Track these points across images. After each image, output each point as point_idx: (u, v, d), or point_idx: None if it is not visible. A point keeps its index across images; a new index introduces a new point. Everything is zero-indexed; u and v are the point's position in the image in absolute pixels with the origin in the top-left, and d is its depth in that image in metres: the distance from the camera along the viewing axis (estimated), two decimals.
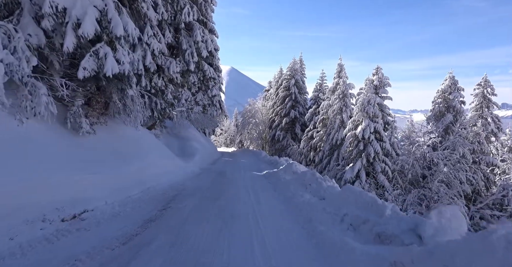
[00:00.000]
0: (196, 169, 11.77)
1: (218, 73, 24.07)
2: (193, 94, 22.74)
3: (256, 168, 14.56)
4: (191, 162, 12.33)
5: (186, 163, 11.46)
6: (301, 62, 31.36)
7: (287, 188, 7.41)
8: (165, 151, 10.24)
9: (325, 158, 20.64)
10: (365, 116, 16.84)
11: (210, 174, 11.08)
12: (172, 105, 13.59)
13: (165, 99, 11.95)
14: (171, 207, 5.61)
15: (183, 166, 10.66)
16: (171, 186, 7.59)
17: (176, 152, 13.27)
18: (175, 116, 16.40)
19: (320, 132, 22.77)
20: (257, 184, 9.07)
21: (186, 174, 9.89)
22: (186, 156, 13.31)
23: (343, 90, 19.86)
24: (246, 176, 11.07)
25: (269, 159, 17.08)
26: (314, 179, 7.11)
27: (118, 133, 7.22)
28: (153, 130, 13.47)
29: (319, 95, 27.80)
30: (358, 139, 17.08)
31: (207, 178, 9.71)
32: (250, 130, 35.10)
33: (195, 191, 7.24)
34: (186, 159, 12.42)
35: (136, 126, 8.26)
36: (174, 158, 10.47)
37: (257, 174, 12.00)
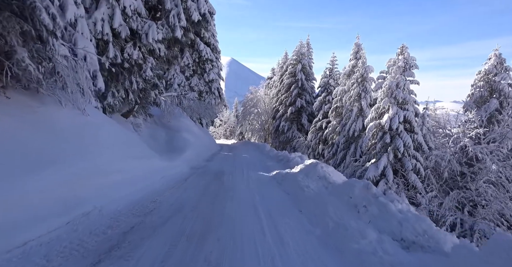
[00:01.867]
0: (185, 169, 8.82)
1: (216, 54, 20.89)
2: (187, 79, 19.64)
3: (262, 166, 11.63)
4: (179, 159, 9.38)
5: (170, 162, 8.50)
6: (308, 46, 28.10)
7: (322, 208, 4.47)
8: (137, 147, 7.27)
9: (340, 152, 17.72)
10: (392, 102, 13.82)
11: (203, 176, 8.15)
12: (155, 86, 10.55)
13: (143, 77, 8.91)
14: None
15: (165, 167, 7.71)
16: (131, 206, 4.64)
17: (160, 147, 10.31)
18: (163, 103, 13.41)
19: (333, 123, 19.77)
20: (269, 195, 6.13)
21: (167, 179, 6.94)
22: (174, 151, 10.36)
23: (362, 73, 16.78)
24: (251, 180, 8.13)
25: (276, 154, 14.16)
26: (370, 196, 4.17)
27: (40, 118, 4.30)
28: (131, 118, 10.47)
29: (330, 81, 24.67)
30: (383, 130, 14.11)
31: (196, 185, 6.76)
32: (252, 121, 32.11)
33: (170, 216, 4.30)
34: (173, 155, 9.46)
35: (82, 108, 5.29)
36: (151, 157, 7.51)
37: (265, 176, 9.08)
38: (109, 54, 7.87)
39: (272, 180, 8.45)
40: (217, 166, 10.91)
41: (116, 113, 9.37)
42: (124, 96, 8.90)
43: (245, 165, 11.74)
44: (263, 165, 12.13)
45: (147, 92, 10.02)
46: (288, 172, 8.86)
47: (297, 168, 9.06)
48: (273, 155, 14.38)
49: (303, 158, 10.66)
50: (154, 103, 13.44)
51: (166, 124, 14.11)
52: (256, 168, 11.14)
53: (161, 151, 9.57)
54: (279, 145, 28.73)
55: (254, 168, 11.10)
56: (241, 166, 11.54)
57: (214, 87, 22.24)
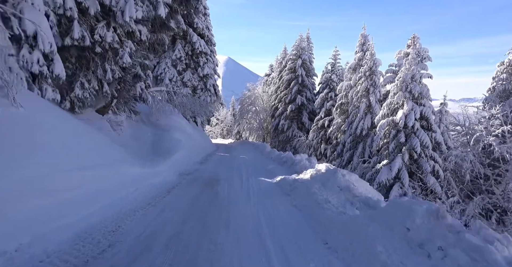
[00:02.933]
0: (171, 177, 7.22)
1: (211, 47, 19.25)
2: (179, 73, 17.99)
3: (264, 170, 10.07)
4: (164, 164, 7.77)
5: (153, 168, 6.89)
6: (308, 40, 26.54)
7: (363, 245, 2.91)
8: (107, 151, 5.66)
9: (346, 152, 16.20)
10: (407, 97, 12.31)
11: (192, 186, 6.56)
12: (137, 77, 8.96)
13: (120, 64, 7.30)
14: None
15: (144, 175, 6.11)
16: (74, 242, 3.05)
17: (143, 150, 8.71)
18: (150, 98, 11.83)
19: (338, 121, 18.24)
20: (278, 215, 4.55)
21: (143, 192, 5.35)
22: (160, 154, 8.75)
23: (370, 66, 15.26)
24: (252, 191, 6.56)
25: (278, 155, 12.60)
26: (445, 230, 2.60)
27: None
28: (109, 115, 8.85)
29: (332, 77, 23.15)
30: (397, 128, 12.60)
31: (181, 201, 5.17)
32: (250, 119, 30.51)
33: (130, 264, 2.74)
34: (158, 159, 7.84)
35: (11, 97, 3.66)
36: (126, 163, 5.89)
37: (268, 184, 7.51)
38: (74, 34, 6.25)
39: (277, 188, 6.89)
40: (211, 171, 9.33)
41: (89, 108, 7.75)
42: (97, 87, 7.28)
43: (243, 169, 10.18)
44: (264, 168, 10.57)
45: (127, 84, 8.41)
46: (296, 178, 7.30)
47: (306, 174, 7.51)
48: (274, 156, 12.82)
49: (311, 161, 9.11)
50: (140, 99, 11.86)
51: (154, 123, 12.50)
52: (257, 172, 9.58)
53: (144, 154, 7.97)
54: (279, 144, 27.20)
55: (254, 172, 9.54)
56: (239, 169, 9.97)
57: (209, 83, 20.64)
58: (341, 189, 5.01)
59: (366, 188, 5.32)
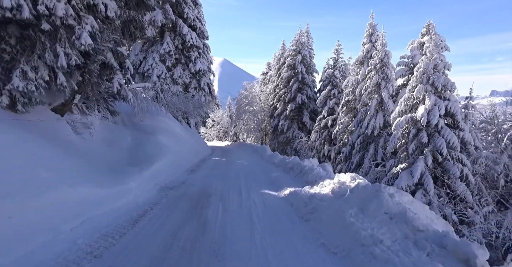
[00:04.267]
0: (145, 196, 5.40)
1: (204, 41, 17.45)
2: (168, 69, 16.17)
3: (267, 180, 8.30)
4: (140, 177, 5.95)
5: (119, 186, 5.05)
6: (308, 35, 24.88)
7: None
8: (30, 169, 3.81)
9: (356, 154, 14.49)
10: (429, 90, 10.64)
11: (173, 210, 4.78)
12: (108, 68, 7.18)
13: (77, 46, 5.49)
14: None
15: (99, 199, 4.31)
16: None
17: (116, 158, 6.89)
18: (130, 96, 10.02)
19: (344, 120, 16.53)
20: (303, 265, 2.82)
21: (90, 227, 3.56)
22: (138, 163, 6.94)
23: (381, 57, 13.58)
24: (255, 213, 4.78)
25: (282, 160, 10.83)
26: None
27: None
28: (73, 115, 7.02)
29: (335, 73, 21.48)
30: (417, 127, 10.91)
31: (148, 243, 3.35)
32: (247, 120, 28.73)
33: None
34: (130, 172, 6.02)
35: None
36: (64, 185, 4.03)
37: (275, 200, 5.75)
38: (3, 2, 4.46)
39: (288, 209, 5.12)
40: (202, 182, 7.54)
41: (41, 106, 5.93)
42: (47, 78, 5.47)
43: (242, 178, 8.41)
44: (267, 176, 8.80)
45: (94, 75, 6.59)
46: (312, 193, 5.56)
47: (324, 186, 5.77)
48: (278, 161, 11.05)
49: (327, 169, 7.32)
50: (120, 97, 10.04)
51: (137, 125, 10.69)
52: (258, 182, 7.81)
53: (113, 165, 6.16)
54: (278, 146, 25.47)
55: (255, 182, 7.77)
56: (236, 179, 8.21)
57: (203, 82, 18.87)
58: (391, 217, 3.27)
59: (427, 214, 3.60)
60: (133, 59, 15.32)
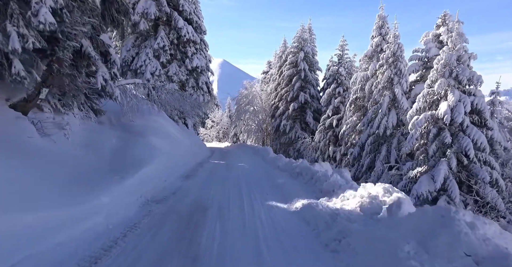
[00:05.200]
0: (123, 214, 4.22)
1: (201, 35, 16.27)
2: (163, 66, 14.99)
3: (272, 187, 7.13)
4: (119, 188, 4.77)
5: (87, 203, 3.87)
6: (310, 31, 23.74)
7: None
8: None
9: (366, 156, 13.32)
10: (452, 85, 9.49)
11: (156, 234, 3.61)
12: (84, 58, 6.06)
13: (34, 25, 4.33)
14: None
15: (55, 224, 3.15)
16: None
17: (94, 165, 5.71)
18: (117, 93, 8.87)
19: (353, 119, 15.37)
20: None
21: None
22: (121, 169, 5.77)
23: (394, 50, 12.43)
24: (263, 238, 3.61)
25: (287, 163, 9.66)
26: None
27: None
28: (39, 113, 5.86)
29: (340, 70, 20.35)
30: (439, 125, 9.76)
31: None
32: (247, 120, 27.56)
33: None
34: (106, 183, 4.85)
35: None
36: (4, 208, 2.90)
37: (287, 218, 4.57)
38: None
39: (305, 230, 3.96)
40: (197, 191, 6.38)
41: None
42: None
43: (244, 185, 7.24)
44: (272, 183, 7.63)
45: (66, 66, 5.43)
46: (332, 208, 4.40)
47: (346, 199, 4.61)
48: (282, 164, 9.89)
49: (345, 176, 6.13)
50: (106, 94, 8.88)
51: (126, 125, 9.52)
52: (263, 191, 6.65)
53: (88, 174, 4.99)
54: (280, 147, 24.33)
55: (259, 191, 6.61)
56: (238, 187, 7.04)
57: (201, 81, 17.74)
58: (478, 262, 2.11)
59: None
60: (125, 55, 14.17)
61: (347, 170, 6.30)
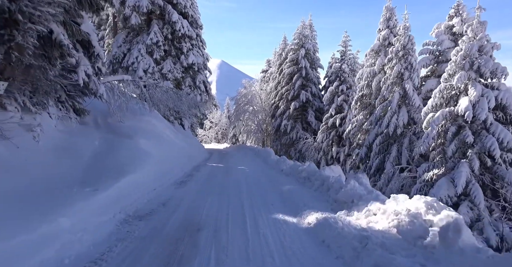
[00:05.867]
0: (88, 241, 3.25)
1: (198, 30, 15.29)
2: (157, 62, 13.98)
3: (277, 196, 6.16)
4: (87, 204, 3.80)
5: (38, 229, 2.92)
6: (311, 28, 22.81)
7: None
8: None
9: (375, 157, 12.37)
10: (473, 78, 8.56)
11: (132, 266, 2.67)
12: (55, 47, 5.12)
13: None
14: None
15: None
16: None
17: (62, 174, 4.74)
18: (102, 90, 7.95)
19: (359, 118, 14.42)
20: None
21: None
22: (97, 179, 4.81)
23: (404, 43, 11.48)
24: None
25: (293, 167, 8.70)
26: None
27: None
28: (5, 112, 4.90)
29: (343, 67, 19.41)
30: (459, 123, 8.82)
31: None
32: (247, 120, 26.61)
33: None
34: (74, 199, 3.88)
35: None
36: None
37: (299, 239, 3.61)
38: None
39: (326, 258, 3.03)
40: (190, 202, 5.41)
41: None
42: None
43: (245, 194, 6.29)
44: (276, 190, 6.68)
45: (25, 52, 4.47)
46: (356, 226, 3.46)
47: (378, 217, 3.66)
48: (287, 168, 8.93)
49: (365, 184, 5.15)
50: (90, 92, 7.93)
51: (113, 126, 8.55)
52: (267, 200, 5.70)
53: (52, 186, 4.03)
54: (281, 148, 23.37)
55: (263, 201, 5.67)
56: (238, 196, 6.08)
57: (199, 79, 16.86)
58: None
59: None
60: (116, 51, 13.22)
61: (365, 175, 5.35)
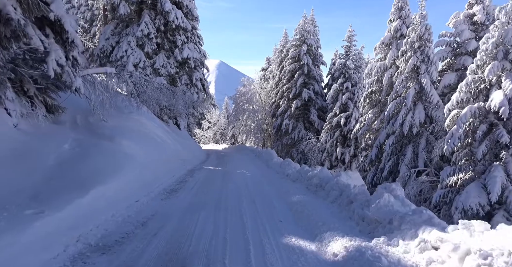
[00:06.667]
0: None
1: (193, 22, 14.08)
2: (149, 56, 12.78)
3: (286, 210, 4.97)
4: (17, 239, 2.67)
5: None
6: (313, 23, 21.65)
7: None
8: None
9: (388, 159, 11.21)
10: (508, 69, 7.42)
11: None
12: (8, 25, 3.91)
13: None
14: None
15: None
16: None
17: (11, 188, 3.56)
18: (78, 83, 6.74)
19: (368, 116, 13.26)
20: None
21: None
22: (52, 195, 3.66)
23: (420, 33, 10.31)
24: None
25: (299, 171, 7.53)
26: None
27: None
28: None
29: (347, 63, 18.25)
30: (490, 121, 7.67)
31: None
32: (246, 120, 25.43)
33: None
34: None
35: None
36: None
37: None
38: None
39: None
40: (178, 221, 4.22)
41: None
42: None
43: (247, 207, 5.10)
44: (284, 202, 5.50)
45: None
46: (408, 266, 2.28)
47: (450, 258, 2.46)
48: (293, 173, 7.74)
49: (401, 198, 3.96)
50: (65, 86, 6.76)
51: (93, 126, 7.35)
52: (274, 216, 4.54)
53: None
54: (282, 148, 22.21)
55: (268, 214, 4.52)
56: (238, 210, 4.90)
57: (195, 77, 15.71)
58: None
59: None
60: (103, 44, 12.01)
61: (399, 186, 4.16)
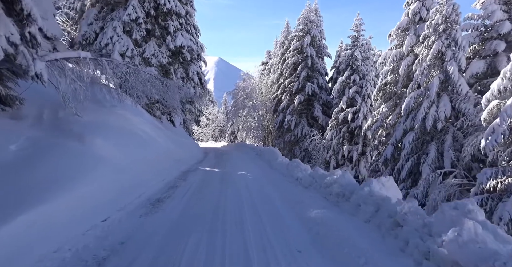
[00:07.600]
0: None
1: (188, 7, 12.67)
2: (137, 44, 11.25)
3: (303, 228, 3.61)
4: None
5: None
6: (317, 13, 20.23)
7: None
8: None
9: (406, 159, 9.89)
10: None
11: None
12: None
13: None
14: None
15: None
16: None
17: None
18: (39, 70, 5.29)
19: (382, 110, 11.92)
20: None
21: None
22: None
23: (446, 14, 8.94)
24: None
25: (311, 175, 6.21)
26: None
27: None
28: None
29: (355, 54, 16.87)
30: None
31: None
32: (246, 116, 24.11)
33: None
34: None
35: None
36: None
37: None
38: None
39: None
40: (159, 249, 2.89)
41: None
42: None
43: (251, 224, 3.78)
44: (299, 217, 4.18)
45: None
46: None
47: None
48: (304, 177, 6.42)
49: (491, 229, 2.72)
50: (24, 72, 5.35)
51: (63, 122, 6.00)
52: (289, 238, 3.19)
53: None
54: (285, 146, 20.92)
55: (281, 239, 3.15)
56: (240, 228, 3.57)
57: (192, 70, 14.42)
58: None
59: None
60: (86, 30, 10.60)
61: (476, 205, 2.87)
